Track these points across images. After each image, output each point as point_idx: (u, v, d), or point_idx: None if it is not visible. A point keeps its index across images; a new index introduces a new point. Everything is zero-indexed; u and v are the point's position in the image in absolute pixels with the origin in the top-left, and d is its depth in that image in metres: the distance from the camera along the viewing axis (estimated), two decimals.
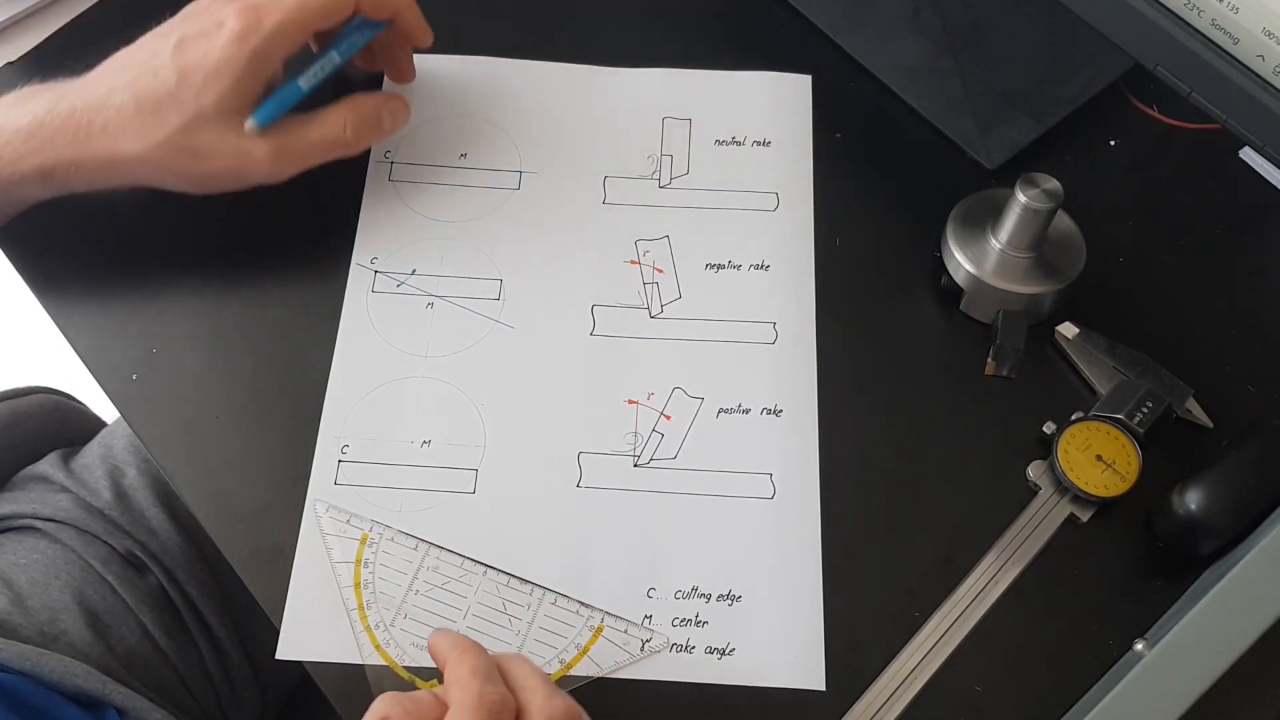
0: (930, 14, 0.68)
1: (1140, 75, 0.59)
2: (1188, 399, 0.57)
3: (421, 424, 0.57)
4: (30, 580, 0.63)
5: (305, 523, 0.55)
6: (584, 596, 0.54)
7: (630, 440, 0.57)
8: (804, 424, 0.57)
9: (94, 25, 0.69)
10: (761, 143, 0.65)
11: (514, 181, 0.64)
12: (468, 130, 0.65)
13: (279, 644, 0.52)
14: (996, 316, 0.59)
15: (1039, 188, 0.55)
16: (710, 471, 0.56)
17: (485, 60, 0.67)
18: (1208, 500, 0.51)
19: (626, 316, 0.60)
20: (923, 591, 0.54)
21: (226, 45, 0.55)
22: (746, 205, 0.63)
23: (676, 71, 0.67)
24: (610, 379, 0.59)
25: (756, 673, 0.52)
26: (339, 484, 0.56)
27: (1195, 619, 0.45)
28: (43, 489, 0.68)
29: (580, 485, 0.56)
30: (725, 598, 0.54)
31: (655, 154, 0.65)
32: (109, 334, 0.60)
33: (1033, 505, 0.55)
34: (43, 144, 0.55)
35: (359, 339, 0.59)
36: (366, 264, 0.61)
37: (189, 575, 0.66)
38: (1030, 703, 0.52)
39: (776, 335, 0.60)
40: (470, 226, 0.62)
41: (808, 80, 0.67)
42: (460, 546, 0.55)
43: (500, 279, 0.61)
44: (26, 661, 0.57)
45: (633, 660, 0.52)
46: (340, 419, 0.57)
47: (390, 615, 0.53)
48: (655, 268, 0.61)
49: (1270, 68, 0.48)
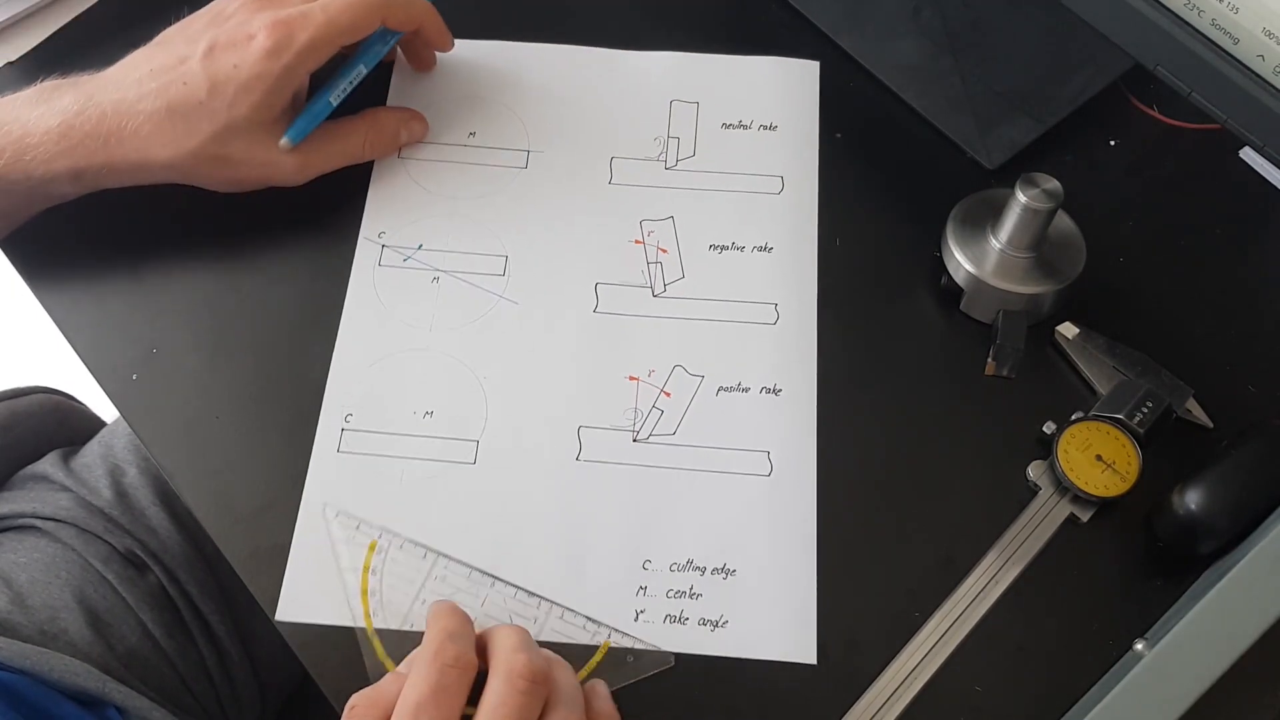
0: (930, 14, 0.68)
1: (1140, 75, 0.59)
2: (1188, 399, 0.57)
3: (424, 395, 0.58)
4: (30, 579, 0.63)
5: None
6: (580, 568, 0.54)
7: (630, 416, 0.58)
8: (802, 403, 0.58)
9: (94, 25, 0.69)
10: (768, 127, 0.65)
11: (522, 160, 0.65)
12: (477, 110, 0.66)
13: (279, 604, 0.53)
14: (996, 316, 0.59)
15: (1039, 188, 0.55)
16: (708, 448, 0.57)
17: (496, 43, 0.68)
18: (1208, 500, 0.51)
19: (629, 295, 0.61)
20: (923, 591, 0.54)
21: (258, 60, 0.56)
22: (751, 188, 0.64)
23: (685, 55, 0.68)
24: (612, 356, 0.59)
25: (748, 645, 0.53)
26: (342, 451, 0.57)
27: (1195, 619, 0.45)
28: (43, 488, 0.68)
29: (579, 459, 0.57)
30: (720, 571, 0.54)
31: (662, 136, 0.65)
32: (109, 334, 0.60)
33: (1033, 505, 0.55)
34: (74, 146, 0.56)
35: (365, 311, 0.60)
36: (374, 238, 0.62)
37: (189, 574, 0.66)
38: (1030, 703, 0.52)
39: (778, 316, 0.60)
40: (477, 204, 0.63)
41: (815, 66, 0.67)
42: (460, 516, 0.55)
43: (506, 256, 0.62)
44: (27, 660, 0.57)
45: (638, 678, 0.52)
46: (344, 388, 0.58)
47: (397, 623, 0.53)
48: (659, 248, 0.62)
49: (1270, 68, 0.48)
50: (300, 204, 0.62)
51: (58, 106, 0.57)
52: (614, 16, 0.69)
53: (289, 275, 0.61)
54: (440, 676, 0.45)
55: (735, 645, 0.53)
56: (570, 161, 0.65)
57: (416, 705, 0.44)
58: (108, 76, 0.58)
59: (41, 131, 0.56)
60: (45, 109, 0.57)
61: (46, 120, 0.56)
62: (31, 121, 0.56)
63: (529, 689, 0.45)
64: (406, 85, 0.67)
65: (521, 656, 0.45)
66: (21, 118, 0.57)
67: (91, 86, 0.57)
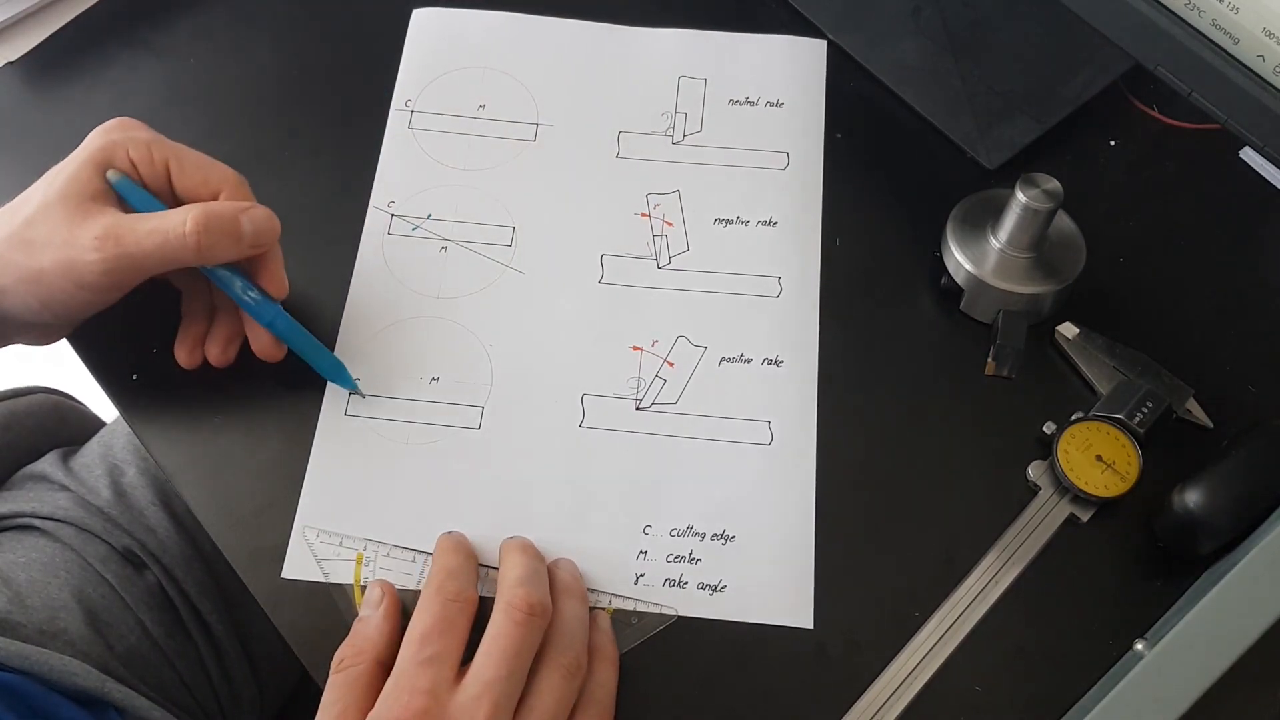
0: (930, 14, 0.68)
1: (1140, 75, 0.59)
2: (1188, 399, 0.57)
3: (431, 362, 0.59)
4: (30, 579, 0.63)
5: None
6: (582, 532, 0.55)
7: (633, 385, 0.58)
8: (804, 375, 0.59)
9: (94, 25, 0.70)
10: (774, 104, 0.66)
11: (530, 133, 0.66)
12: (487, 82, 0.67)
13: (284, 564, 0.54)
14: (996, 316, 0.59)
15: (1039, 188, 0.55)
16: (710, 417, 0.58)
17: (507, 15, 0.69)
18: (1208, 500, 0.51)
19: (635, 266, 0.62)
20: (923, 591, 0.54)
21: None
22: (757, 164, 0.65)
23: (693, 32, 0.69)
24: (616, 325, 0.60)
25: (746, 609, 0.53)
26: (349, 415, 0.57)
27: (1195, 619, 0.45)
28: (42, 488, 0.68)
29: (582, 425, 0.57)
30: (719, 537, 0.55)
31: (670, 111, 0.66)
32: (109, 334, 0.60)
33: (1033, 505, 0.55)
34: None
35: (374, 278, 0.61)
36: (384, 207, 0.63)
37: (187, 574, 0.66)
38: (1030, 703, 0.52)
39: (781, 289, 0.61)
40: (486, 175, 0.64)
41: (822, 45, 0.68)
42: (464, 481, 0.56)
43: (513, 226, 0.63)
44: (26, 660, 0.57)
45: (643, 639, 0.53)
46: (352, 354, 0.59)
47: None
48: (665, 220, 0.63)
49: (1270, 68, 0.48)
50: (310, 177, 0.63)
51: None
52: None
53: (296, 258, 0.61)
54: (444, 609, 0.48)
55: (733, 609, 0.53)
56: (578, 135, 0.66)
57: (422, 637, 0.47)
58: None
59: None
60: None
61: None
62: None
63: (526, 620, 0.47)
64: (420, 59, 0.68)
65: (520, 590, 0.48)
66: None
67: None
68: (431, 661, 0.46)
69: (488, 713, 0.45)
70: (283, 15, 0.70)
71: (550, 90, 0.67)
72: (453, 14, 0.69)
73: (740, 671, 0.52)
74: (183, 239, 0.52)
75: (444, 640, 0.47)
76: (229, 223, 0.53)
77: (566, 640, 0.49)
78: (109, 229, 0.51)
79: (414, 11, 0.69)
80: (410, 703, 0.45)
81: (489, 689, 0.45)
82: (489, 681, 0.46)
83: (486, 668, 0.46)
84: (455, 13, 0.69)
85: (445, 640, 0.47)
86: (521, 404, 0.58)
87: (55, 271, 0.52)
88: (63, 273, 0.52)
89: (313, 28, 0.70)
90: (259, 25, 0.70)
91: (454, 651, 0.47)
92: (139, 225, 0.52)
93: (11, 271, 0.53)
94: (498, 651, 0.47)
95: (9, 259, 0.52)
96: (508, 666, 0.46)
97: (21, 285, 0.53)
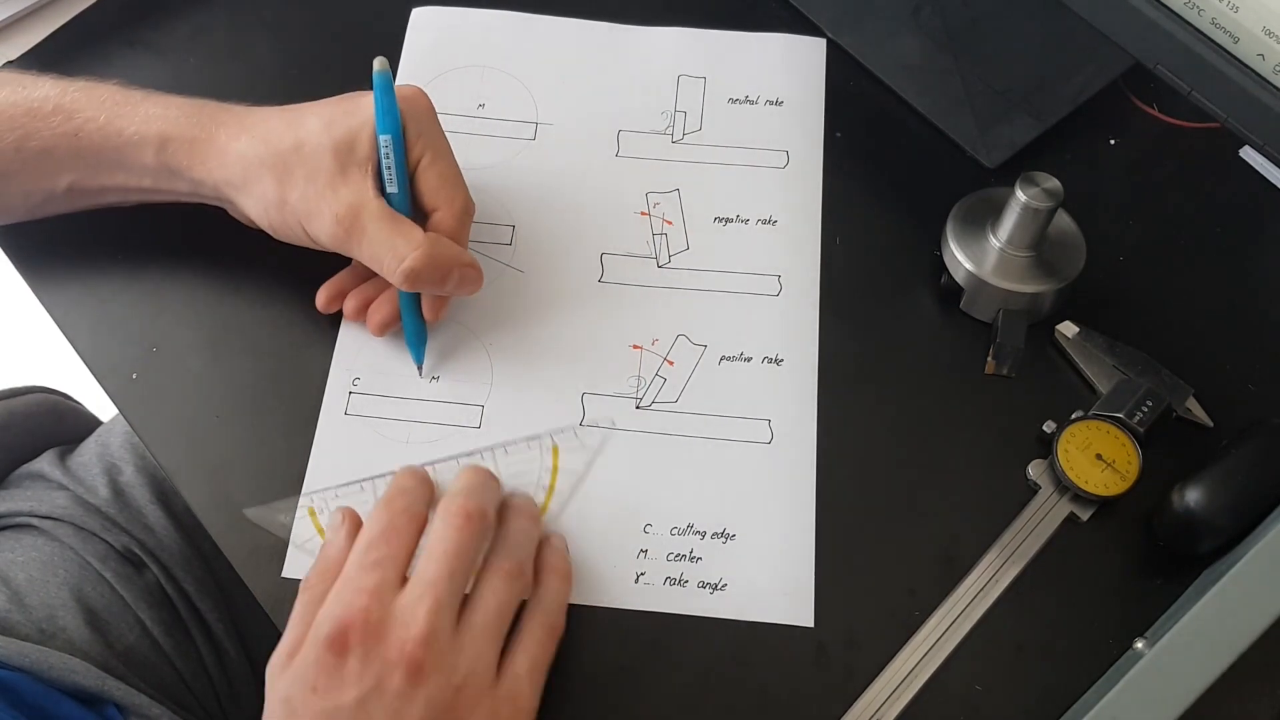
0: (930, 13, 0.68)
1: (1140, 74, 0.59)
2: (1188, 398, 0.57)
3: (431, 360, 0.59)
4: (29, 578, 0.63)
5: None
6: (581, 529, 0.55)
7: (633, 383, 0.58)
8: (804, 373, 0.59)
9: (94, 25, 0.69)
10: (774, 102, 0.66)
11: (530, 132, 0.66)
12: (487, 81, 0.67)
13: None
14: (996, 316, 0.59)
15: (1039, 187, 0.55)
16: (710, 415, 0.58)
17: (506, 14, 0.69)
18: (1208, 500, 0.51)
19: (634, 265, 0.62)
20: (923, 591, 0.54)
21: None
22: (757, 162, 0.65)
23: (692, 30, 0.69)
24: (616, 324, 0.60)
25: (746, 608, 0.54)
26: (349, 414, 0.58)
27: (1195, 619, 0.45)
28: (40, 487, 0.68)
29: (583, 424, 0.57)
30: (719, 535, 0.55)
31: (669, 110, 0.66)
32: (109, 333, 0.60)
33: (1033, 504, 0.55)
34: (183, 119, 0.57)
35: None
36: None
37: (186, 572, 0.66)
38: (1030, 703, 0.52)
39: (781, 288, 0.61)
40: (486, 174, 0.64)
41: (822, 43, 0.68)
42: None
43: (513, 225, 0.63)
44: (26, 659, 0.57)
45: (596, 453, 0.56)
46: (352, 352, 0.59)
47: None
48: (665, 219, 0.63)
49: (1270, 66, 0.48)
50: None
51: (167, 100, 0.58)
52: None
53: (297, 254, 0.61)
54: (391, 519, 0.49)
55: (734, 608, 0.53)
56: (578, 134, 0.66)
57: (369, 544, 0.48)
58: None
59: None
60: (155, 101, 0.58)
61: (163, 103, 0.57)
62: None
63: (463, 525, 0.49)
64: (419, 57, 0.67)
65: (459, 498, 0.50)
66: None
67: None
68: (377, 565, 0.47)
69: (429, 609, 0.46)
70: (283, 15, 0.70)
71: (550, 89, 0.67)
72: (452, 13, 0.69)
73: (740, 670, 0.52)
74: (395, 266, 0.53)
75: (389, 546, 0.48)
76: (440, 271, 0.55)
77: (510, 548, 0.50)
78: (353, 209, 0.53)
79: (413, 10, 0.69)
80: (354, 601, 0.46)
81: (430, 588, 0.47)
82: (430, 581, 0.47)
83: (427, 569, 0.47)
84: (454, 11, 0.69)
85: (391, 546, 0.48)
86: (522, 403, 0.58)
87: (296, 208, 0.54)
88: (301, 215, 0.54)
89: (312, 28, 0.70)
90: (259, 25, 0.70)
91: (399, 558, 0.48)
92: (375, 229, 0.53)
93: (261, 181, 0.55)
94: (439, 553, 0.48)
95: (260, 173, 0.54)
96: (448, 566, 0.47)
97: (263, 200, 0.55)
